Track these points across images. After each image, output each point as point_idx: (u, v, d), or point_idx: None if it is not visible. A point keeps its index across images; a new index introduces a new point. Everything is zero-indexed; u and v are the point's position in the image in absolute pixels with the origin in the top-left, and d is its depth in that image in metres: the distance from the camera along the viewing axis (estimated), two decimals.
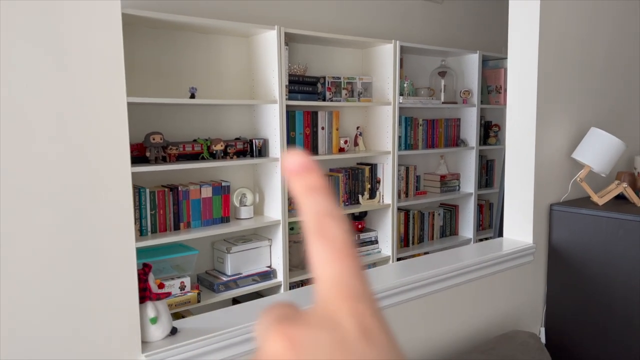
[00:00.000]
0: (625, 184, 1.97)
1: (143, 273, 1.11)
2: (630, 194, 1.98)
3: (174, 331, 1.18)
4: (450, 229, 3.88)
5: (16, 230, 0.94)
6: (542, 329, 2.12)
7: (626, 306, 1.88)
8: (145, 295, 1.11)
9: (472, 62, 3.74)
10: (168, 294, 1.13)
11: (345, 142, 3.15)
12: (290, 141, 2.86)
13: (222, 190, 2.66)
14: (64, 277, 1.00)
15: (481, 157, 4.02)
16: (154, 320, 1.11)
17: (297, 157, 0.26)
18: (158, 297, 1.12)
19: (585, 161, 2.00)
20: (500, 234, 3.63)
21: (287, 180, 0.26)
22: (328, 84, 3.01)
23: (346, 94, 3.09)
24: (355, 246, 0.25)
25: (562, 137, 2.11)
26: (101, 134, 1.02)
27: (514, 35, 2.01)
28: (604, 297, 1.94)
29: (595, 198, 2.02)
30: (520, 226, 2.07)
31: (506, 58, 3.87)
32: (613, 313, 1.93)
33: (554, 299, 2.10)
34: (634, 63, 2.49)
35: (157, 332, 1.13)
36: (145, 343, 1.14)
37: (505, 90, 3.86)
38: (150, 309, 1.11)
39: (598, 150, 1.97)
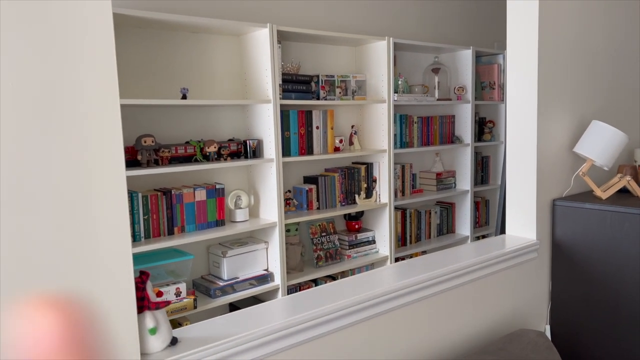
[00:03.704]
0: (628, 177, 1.94)
1: (140, 281, 1.05)
2: (634, 186, 1.95)
3: (174, 341, 1.12)
4: (447, 227, 3.85)
5: (6, 237, 0.88)
6: (548, 327, 2.09)
7: (632, 301, 1.85)
8: (143, 304, 1.05)
9: (465, 58, 3.71)
10: (167, 303, 1.07)
11: (341, 141, 3.10)
12: (285, 141, 2.80)
13: (217, 193, 2.60)
14: (56, 287, 0.93)
15: (476, 153, 3.99)
16: (153, 331, 1.06)
17: None
18: (157, 306, 1.06)
19: (587, 155, 1.97)
20: (502, 231, 3.61)
21: None
22: (322, 83, 2.96)
23: (340, 93, 3.04)
24: None
25: (563, 131, 2.08)
26: (95, 137, 0.96)
27: (513, 29, 1.98)
28: (610, 292, 1.91)
29: (598, 192, 1.98)
30: (523, 223, 2.03)
31: (499, 54, 3.85)
32: (619, 308, 1.89)
33: (558, 295, 2.07)
34: (634, 55, 2.47)
35: (157, 343, 1.07)
36: (144, 355, 1.08)
37: (499, 86, 3.84)
38: (149, 319, 1.06)
39: (600, 143, 1.94)
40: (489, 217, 4.15)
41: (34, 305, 0.91)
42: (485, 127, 3.98)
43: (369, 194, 3.24)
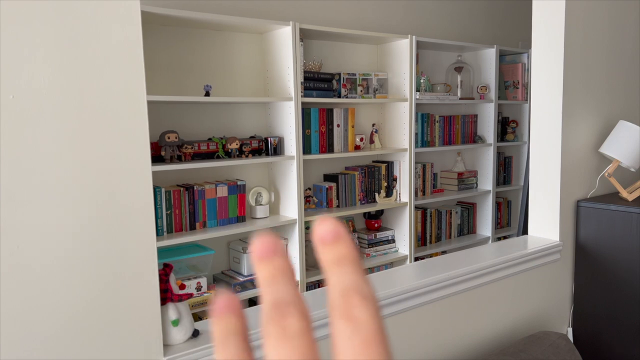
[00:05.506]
0: None
1: (164, 274, 1.07)
2: None
3: (195, 333, 1.14)
4: (468, 228, 3.82)
5: (35, 231, 0.90)
6: (570, 329, 2.06)
7: None
8: (166, 296, 1.07)
9: (489, 57, 3.67)
10: (190, 295, 1.09)
11: (361, 139, 3.10)
12: (306, 139, 2.82)
13: (238, 189, 2.63)
14: (83, 279, 0.96)
15: (499, 153, 3.95)
16: (175, 323, 1.08)
17: (328, 225, 0.23)
18: (180, 298, 1.08)
19: (613, 155, 1.94)
20: (525, 232, 3.57)
21: (316, 249, 0.23)
22: (343, 81, 2.96)
23: (361, 91, 3.04)
24: (386, 333, 0.22)
25: (589, 131, 2.04)
26: (121, 132, 0.99)
27: (539, 27, 1.95)
28: (634, 295, 1.87)
29: (624, 193, 1.95)
30: (546, 224, 2.00)
31: (523, 52, 3.80)
32: None
33: (581, 298, 2.03)
34: None
35: (179, 334, 1.09)
36: (167, 346, 1.10)
37: (523, 85, 3.79)
38: (172, 310, 1.08)
39: (627, 143, 1.90)
40: (511, 219, 4.10)
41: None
42: (508, 127, 3.93)
43: (389, 193, 3.24)
